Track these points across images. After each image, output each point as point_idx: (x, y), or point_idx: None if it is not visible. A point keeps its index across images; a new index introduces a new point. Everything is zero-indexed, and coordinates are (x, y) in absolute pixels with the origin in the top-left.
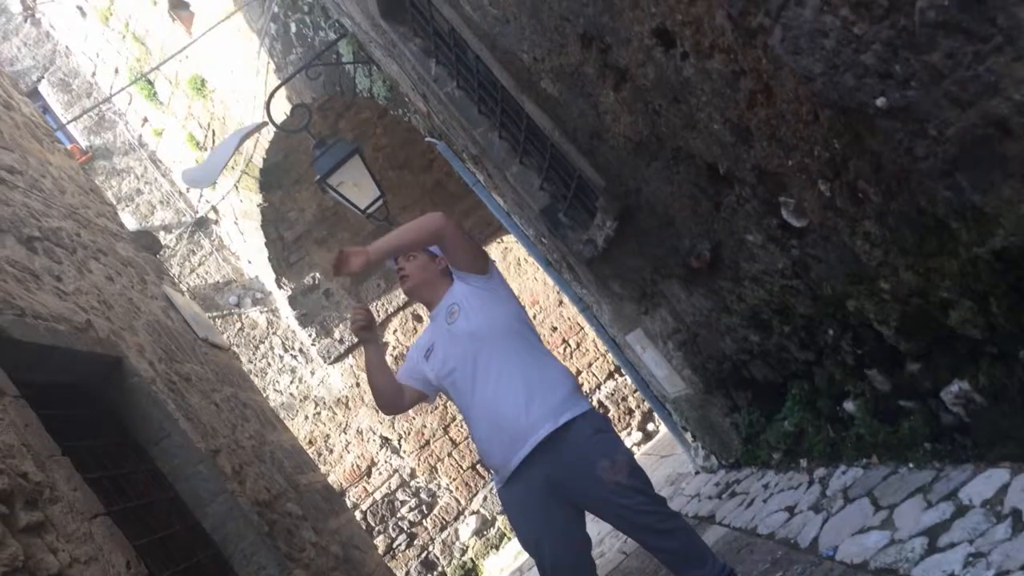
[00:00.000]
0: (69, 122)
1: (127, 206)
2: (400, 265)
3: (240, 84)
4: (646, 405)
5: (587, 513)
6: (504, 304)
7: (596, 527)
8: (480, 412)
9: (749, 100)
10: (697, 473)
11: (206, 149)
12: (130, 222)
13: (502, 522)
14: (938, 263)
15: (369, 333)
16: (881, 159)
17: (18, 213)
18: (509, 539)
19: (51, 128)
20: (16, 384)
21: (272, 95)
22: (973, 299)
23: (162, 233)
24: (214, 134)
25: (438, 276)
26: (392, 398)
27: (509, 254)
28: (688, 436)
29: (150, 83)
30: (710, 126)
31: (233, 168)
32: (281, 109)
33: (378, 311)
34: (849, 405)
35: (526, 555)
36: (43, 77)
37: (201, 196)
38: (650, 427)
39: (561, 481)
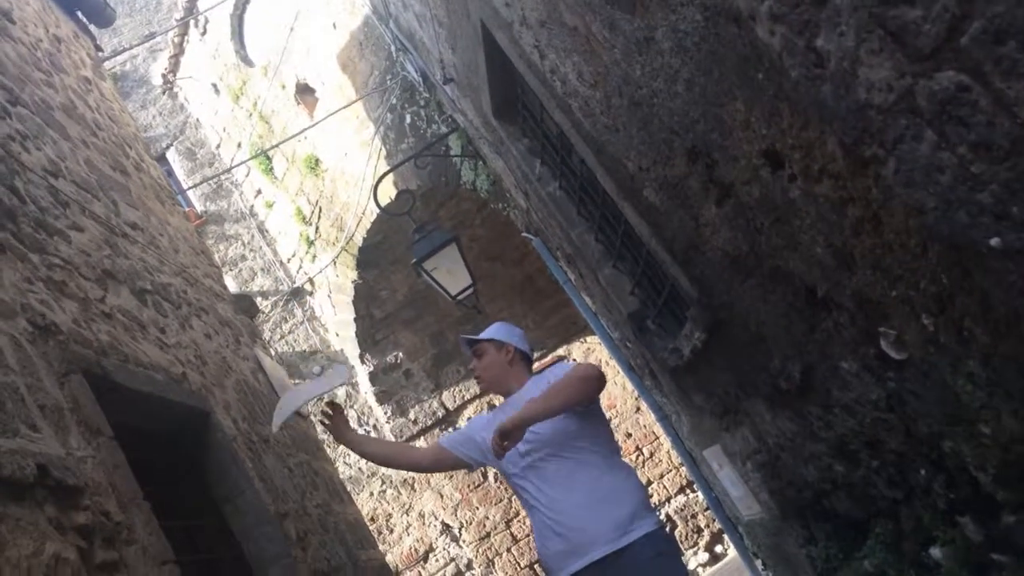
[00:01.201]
0: (190, 188)
1: (231, 270)
2: (472, 365)
3: (351, 167)
4: (716, 525)
5: None
6: (591, 420)
7: None
8: (543, 512)
9: (855, 227)
10: None
11: (311, 224)
12: (232, 285)
13: None
14: None
15: (344, 430)
16: (991, 299)
17: (135, 266)
18: None
19: (173, 191)
20: (111, 425)
21: (380, 179)
22: None
23: (259, 299)
24: (320, 210)
25: (507, 367)
26: (400, 461)
27: (592, 355)
28: (759, 564)
29: (268, 158)
30: (812, 249)
31: (335, 244)
32: (386, 193)
33: (455, 397)
34: (936, 552)
35: None
36: (172, 144)
37: (300, 267)
38: (718, 549)
39: None
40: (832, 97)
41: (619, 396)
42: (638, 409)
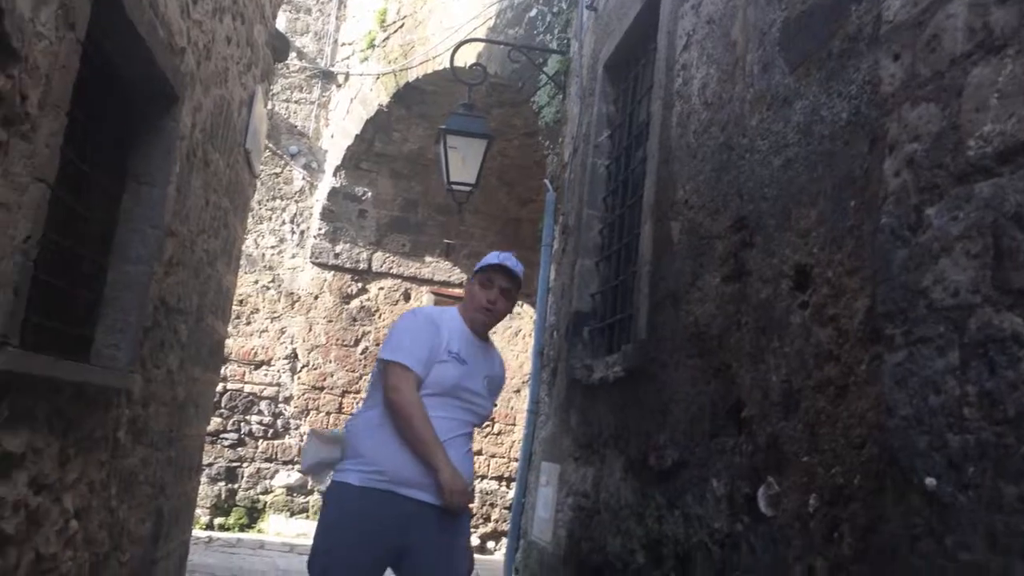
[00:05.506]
0: None
1: (290, 11)
2: (493, 298)
3: (455, 11)
4: (505, 525)
5: None
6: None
7: None
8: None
9: (820, 384)
10: None
11: (385, 31)
12: (281, 23)
13: (314, 501)
14: None
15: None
16: (881, 526)
17: None
18: (306, 517)
19: None
20: (87, 35)
21: (468, 42)
22: None
23: (294, 54)
24: (402, 27)
25: None
26: None
27: (517, 320)
28: None
29: None
30: (769, 374)
31: (390, 63)
32: (465, 55)
33: (383, 262)
34: None
35: (305, 537)
36: None
37: (348, 58)
38: (490, 544)
39: (417, 545)
40: (899, 264)
41: (512, 369)
42: (519, 391)
